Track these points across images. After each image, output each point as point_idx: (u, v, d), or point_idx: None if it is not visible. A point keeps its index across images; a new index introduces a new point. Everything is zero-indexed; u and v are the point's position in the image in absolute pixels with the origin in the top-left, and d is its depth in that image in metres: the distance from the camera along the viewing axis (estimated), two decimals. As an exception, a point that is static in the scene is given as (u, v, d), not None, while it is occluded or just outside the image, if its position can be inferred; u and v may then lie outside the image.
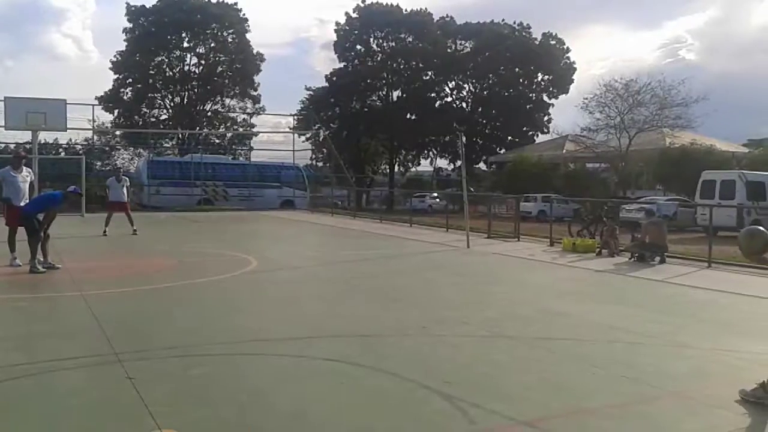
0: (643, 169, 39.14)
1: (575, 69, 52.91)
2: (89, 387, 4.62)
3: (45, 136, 35.84)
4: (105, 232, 16.13)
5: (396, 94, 52.21)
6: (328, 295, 8.88)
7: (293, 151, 37.95)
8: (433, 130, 50.02)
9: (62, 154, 39.18)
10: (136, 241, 15.42)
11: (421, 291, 9.17)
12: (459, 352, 5.70)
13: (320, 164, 50.57)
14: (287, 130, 44.21)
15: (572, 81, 52.25)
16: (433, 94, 52.51)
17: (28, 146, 26.57)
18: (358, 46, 51.74)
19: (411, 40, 51.21)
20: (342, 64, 51.76)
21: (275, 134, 64.24)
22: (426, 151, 54.90)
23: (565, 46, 52.35)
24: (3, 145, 35.32)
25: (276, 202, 33.25)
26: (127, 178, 18.30)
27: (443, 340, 6.06)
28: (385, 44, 51.66)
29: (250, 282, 9.66)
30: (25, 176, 11.14)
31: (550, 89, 52.59)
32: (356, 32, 51.31)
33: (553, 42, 52.04)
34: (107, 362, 5.14)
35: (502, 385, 4.77)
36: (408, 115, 51.13)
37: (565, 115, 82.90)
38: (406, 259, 13.11)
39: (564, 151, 39.82)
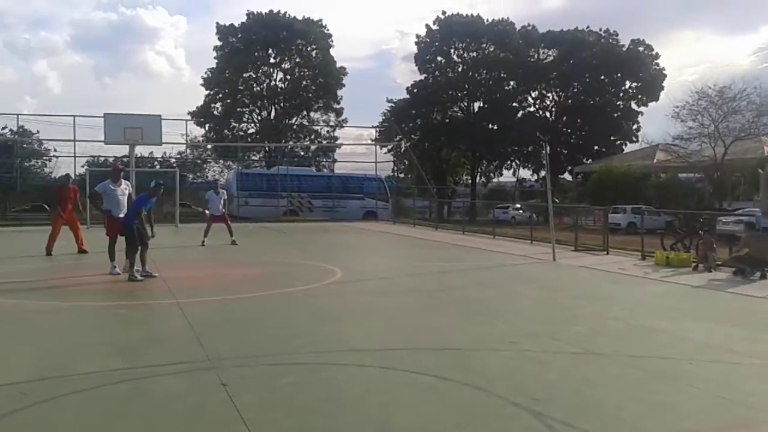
0: (740, 180, 37.29)
1: (665, 75, 51.28)
2: (185, 393, 4.76)
3: (141, 150, 37.83)
4: (203, 242, 16.76)
5: (477, 104, 52.05)
6: (413, 306, 8.87)
7: (375, 162, 38.39)
8: (515, 140, 49.49)
9: (157, 167, 41.07)
10: (227, 251, 15.93)
11: (507, 304, 9.03)
12: (548, 368, 5.56)
13: (402, 175, 50.91)
14: (369, 142, 44.77)
15: (662, 88, 50.58)
16: (515, 104, 51.98)
17: (125, 159, 27.98)
18: (439, 58, 51.87)
19: (492, 50, 50.87)
20: (423, 76, 52.09)
21: (358, 146, 65.35)
22: (508, 162, 54.35)
23: (653, 52, 50.71)
24: (103, 159, 37.48)
25: (359, 213, 33.68)
26: (224, 191, 18.91)
27: (532, 356, 5.93)
28: (466, 55, 51.55)
29: (335, 292, 9.79)
30: (124, 189, 11.74)
31: (639, 97, 51.03)
32: (437, 44, 51.48)
33: (641, 48, 50.44)
34: (201, 368, 5.31)
35: (594, 404, 4.61)
36: (490, 126, 50.80)
37: (656, 123, 79.97)
38: (490, 271, 12.96)
39: (655, 160, 38.44)
